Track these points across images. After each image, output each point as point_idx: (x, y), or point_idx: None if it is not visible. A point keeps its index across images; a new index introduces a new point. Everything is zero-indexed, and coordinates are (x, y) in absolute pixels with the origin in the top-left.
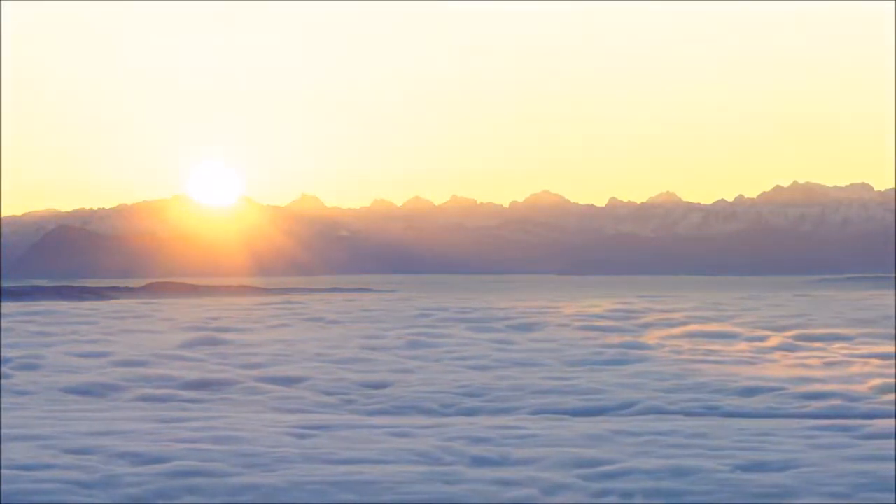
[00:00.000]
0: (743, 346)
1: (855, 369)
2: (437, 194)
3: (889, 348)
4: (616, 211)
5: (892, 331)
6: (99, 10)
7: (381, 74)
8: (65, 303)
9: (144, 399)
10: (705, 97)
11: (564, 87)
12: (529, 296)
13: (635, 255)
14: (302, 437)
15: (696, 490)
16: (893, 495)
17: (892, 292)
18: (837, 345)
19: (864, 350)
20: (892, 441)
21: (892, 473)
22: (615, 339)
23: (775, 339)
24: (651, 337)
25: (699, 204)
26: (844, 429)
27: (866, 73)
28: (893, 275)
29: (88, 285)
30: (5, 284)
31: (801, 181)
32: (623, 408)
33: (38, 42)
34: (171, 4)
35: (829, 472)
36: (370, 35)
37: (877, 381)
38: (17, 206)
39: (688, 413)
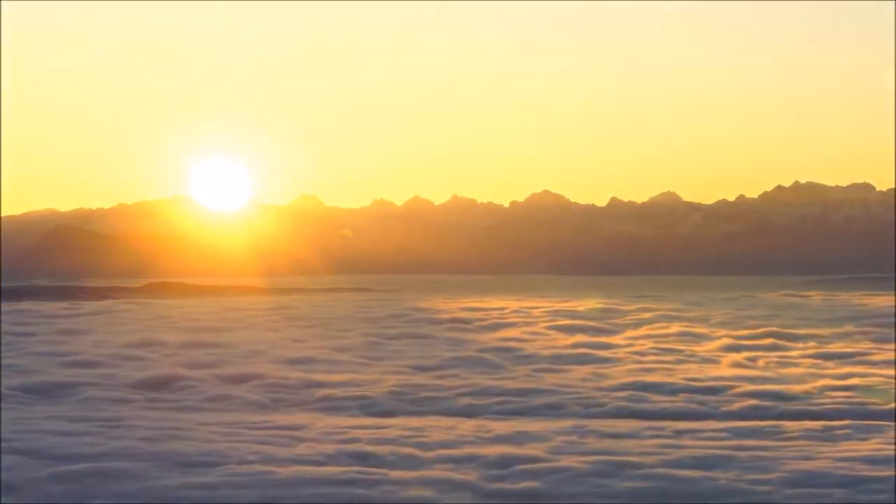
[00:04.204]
0: (701, 346)
1: (805, 370)
2: (437, 194)
3: (851, 348)
4: (616, 211)
5: (864, 331)
6: (99, 9)
7: (380, 74)
8: (48, 303)
9: (87, 398)
10: (706, 97)
11: (564, 86)
12: (522, 296)
13: (635, 255)
14: (228, 435)
15: (577, 491)
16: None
17: (892, 293)
18: (799, 344)
19: (825, 350)
20: (800, 442)
21: (757, 477)
22: (576, 339)
23: (738, 340)
24: (612, 337)
25: (700, 204)
26: (757, 430)
27: (867, 72)
28: (894, 275)
29: (88, 285)
30: (4, 284)
31: (803, 181)
32: (552, 408)
33: (38, 42)
34: (171, 4)
35: (708, 473)
36: (370, 35)
37: (821, 382)
38: (17, 205)
39: (612, 414)
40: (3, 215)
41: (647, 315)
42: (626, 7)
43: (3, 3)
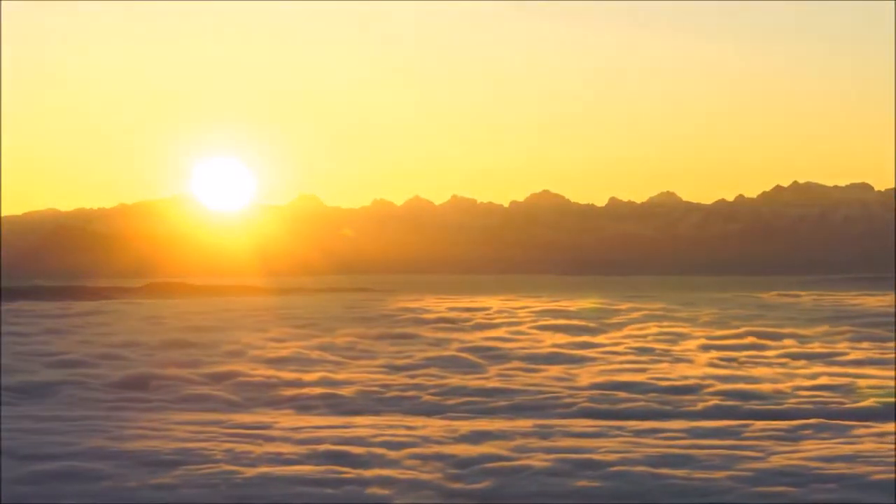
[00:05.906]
0: (679, 346)
1: (778, 370)
2: (437, 194)
3: (829, 348)
4: (616, 211)
5: (846, 331)
6: (99, 9)
7: (380, 74)
8: (44, 303)
9: (65, 398)
10: (706, 96)
11: (565, 86)
12: (517, 295)
13: (635, 255)
14: (197, 434)
15: (530, 491)
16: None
17: (890, 292)
18: (777, 344)
19: (802, 350)
20: (762, 442)
21: (710, 476)
22: (557, 338)
23: (717, 340)
24: (595, 337)
25: (699, 204)
26: (720, 430)
27: (866, 72)
28: (894, 275)
29: (88, 285)
30: (5, 284)
31: (802, 181)
32: (519, 408)
33: (38, 42)
34: (171, 4)
35: (664, 472)
36: (370, 35)
37: (792, 382)
38: (19, 205)
39: (579, 414)
40: (4, 215)
41: (636, 315)
42: (625, 7)
43: (3, 3)
